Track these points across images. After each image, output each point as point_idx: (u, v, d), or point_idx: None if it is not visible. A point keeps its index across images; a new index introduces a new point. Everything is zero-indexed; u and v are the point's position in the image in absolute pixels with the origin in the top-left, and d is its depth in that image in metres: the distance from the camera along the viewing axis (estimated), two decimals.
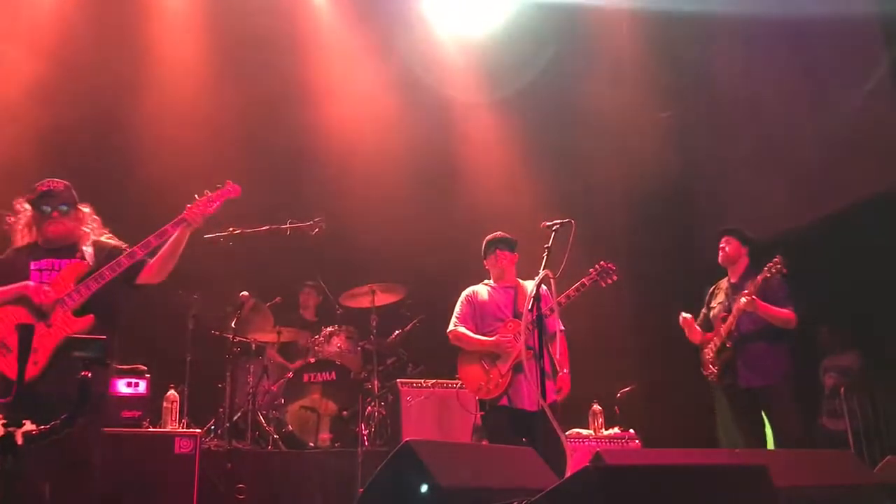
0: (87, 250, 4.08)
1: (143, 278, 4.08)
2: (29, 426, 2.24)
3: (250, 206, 6.97)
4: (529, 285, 5.07)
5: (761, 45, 7.70)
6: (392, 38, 8.80)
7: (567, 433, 5.79)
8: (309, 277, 7.57)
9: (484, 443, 5.86)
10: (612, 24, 8.57)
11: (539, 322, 4.36)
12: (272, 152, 7.75)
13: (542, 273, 4.36)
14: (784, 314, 5.25)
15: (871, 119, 6.50)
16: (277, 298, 7.15)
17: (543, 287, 4.50)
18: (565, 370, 4.94)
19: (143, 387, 5.17)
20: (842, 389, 6.88)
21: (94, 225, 4.20)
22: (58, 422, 2.32)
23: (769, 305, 5.24)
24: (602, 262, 4.98)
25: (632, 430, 6.41)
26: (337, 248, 7.58)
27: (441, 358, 7.22)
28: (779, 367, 5.31)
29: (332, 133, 8.22)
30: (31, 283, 3.91)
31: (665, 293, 5.30)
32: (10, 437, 2.21)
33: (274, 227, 6.59)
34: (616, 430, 6.44)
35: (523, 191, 8.34)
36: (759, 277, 5.24)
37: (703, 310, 5.80)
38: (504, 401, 4.79)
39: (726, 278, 5.73)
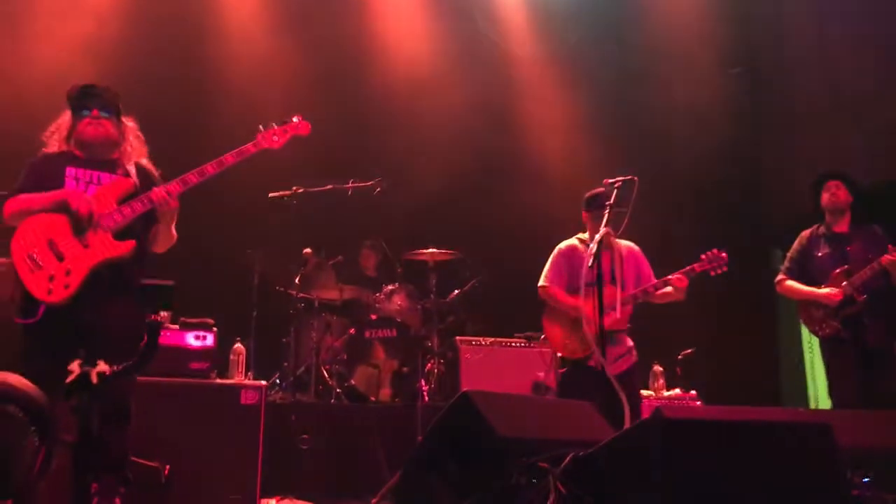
0: (131, 169, 3.79)
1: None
2: (103, 366, 2.33)
3: (315, 163, 7.09)
4: (625, 244, 5.08)
5: None
6: None
7: None
8: (367, 237, 7.64)
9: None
10: None
11: (599, 281, 4.31)
12: (334, 112, 7.79)
13: (602, 230, 4.33)
14: None
15: None
16: (339, 257, 7.25)
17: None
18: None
19: (210, 339, 5.28)
20: None
21: (138, 143, 3.92)
22: (130, 363, 2.40)
23: None
24: (714, 251, 4.84)
25: (693, 391, 6.36)
26: (398, 207, 7.63)
27: (500, 317, 7.26)
28: None
29: (394, 91, 8.24)
30: (71, 189, 3.58)
31: (731, 253, 5.15)
32: (85, 375, 2.30)
33: (336, 186, 6.70)
34: (677, 390, 6.40)
35: (585, 147, 8.24)
36: None
37: (790, 262, 5.49)
38: (592, 362, 4.74)
39: (819, 227, 5.43)
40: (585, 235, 5.13)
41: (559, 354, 5.09)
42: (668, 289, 4.88)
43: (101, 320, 3.49)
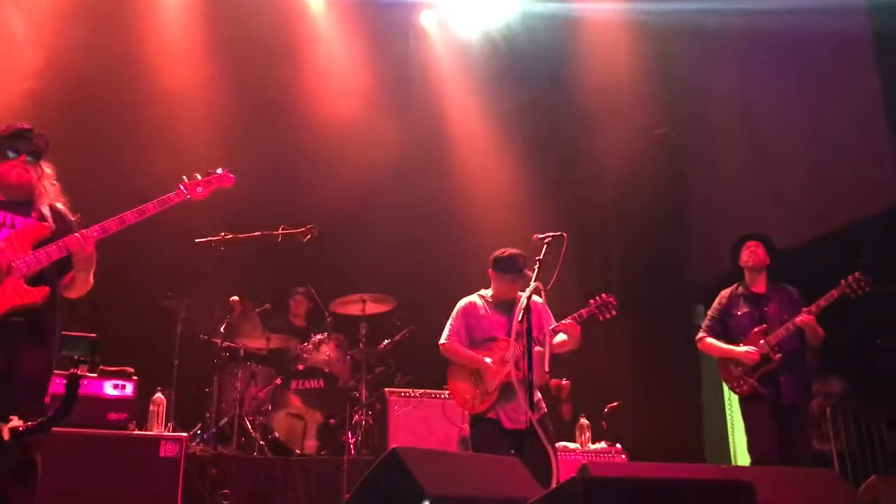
0: (46, 212, 3.64)
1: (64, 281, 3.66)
2: (16, 422, 2.23)
3: (242, 211, 7.01)
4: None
5: (757, 61, 7.75)
6: (389, 47, 8.85)
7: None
8: (299, 284, 7.56)
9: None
10: (609, 39, 8.61)
11: (528, 335, 4.36)
12: (265, 157, 7.74)
13: (532, 285, 4.39)
14: (822, 334, 5.19)
15: (864, 137, 6.53)
16: (267, 305, 7.15)
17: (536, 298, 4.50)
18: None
19: (129, 389, 5.13)
20: (828, 411, 6.91)
21: (52, 189, 3.74)
22: (45, 419, 2.30)
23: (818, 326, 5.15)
24: (603, 295, 4.86)
25: (618, 445, 6.42)
26: (329, 256, 7.58)
27: (429, 368, 7.22)
28: (809, 386, 5.39)
29: (327, 140, 8.24)
30: None
31: (655, 309, 5.24)
32: None
33: (266, 232, 6.61)
34: (603, 444, 6.45)
35: (517, 204, 8.36)
36: (836, 292, 5.07)
37: (710, 320, 5.59)
38: (492, 414, 4.78)
39: (738, 286, 5.57)
40: (488, 292, 5.11)
41: (464, 411, 5.10)
42: (563, 337, 4.90)
43: (13, 370, 3.32)
